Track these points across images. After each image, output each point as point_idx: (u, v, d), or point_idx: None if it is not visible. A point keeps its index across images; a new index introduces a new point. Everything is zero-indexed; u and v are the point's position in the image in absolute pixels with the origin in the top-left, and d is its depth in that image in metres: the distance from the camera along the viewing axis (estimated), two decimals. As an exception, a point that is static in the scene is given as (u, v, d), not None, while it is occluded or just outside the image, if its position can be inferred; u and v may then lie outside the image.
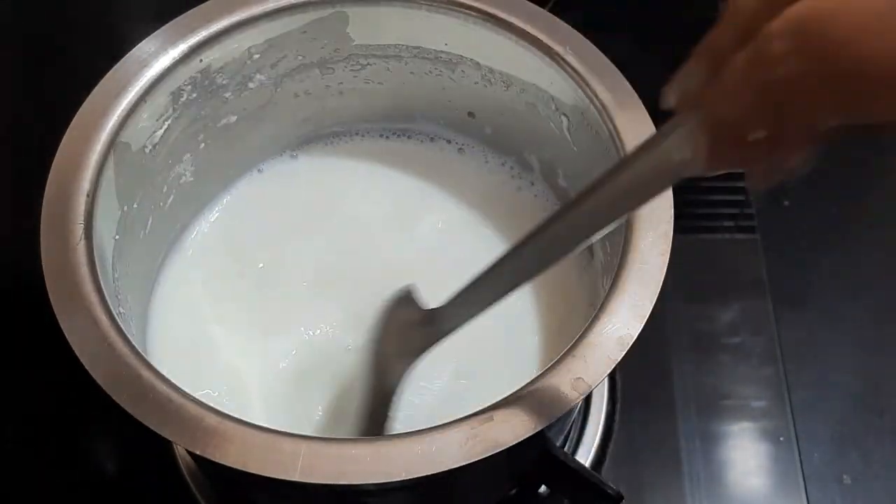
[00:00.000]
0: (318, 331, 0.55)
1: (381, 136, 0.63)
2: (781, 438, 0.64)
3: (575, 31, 0.51)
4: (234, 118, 0.57)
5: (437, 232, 0.60)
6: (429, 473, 0.38)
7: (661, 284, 0.43)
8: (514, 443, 0.39)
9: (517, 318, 0.56)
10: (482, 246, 0.59)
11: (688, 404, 0.65)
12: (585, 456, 0.62)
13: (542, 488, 0.59)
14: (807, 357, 0.68)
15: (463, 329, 0.54)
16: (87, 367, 0.41)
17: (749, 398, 0.66)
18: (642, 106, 0.49)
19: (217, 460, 0.39)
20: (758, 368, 0.67)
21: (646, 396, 0.65)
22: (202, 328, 0.56)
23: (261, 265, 0.58)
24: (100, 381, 0.40)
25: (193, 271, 0.58)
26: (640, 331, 0.42)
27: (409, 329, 0.46)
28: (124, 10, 0.84)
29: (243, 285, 0.57)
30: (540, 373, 0.41)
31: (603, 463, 0.63)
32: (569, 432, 0.62)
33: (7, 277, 0.70)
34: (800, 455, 0.63)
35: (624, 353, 0.41)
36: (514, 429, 0.40)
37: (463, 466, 0.39)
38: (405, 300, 0.47)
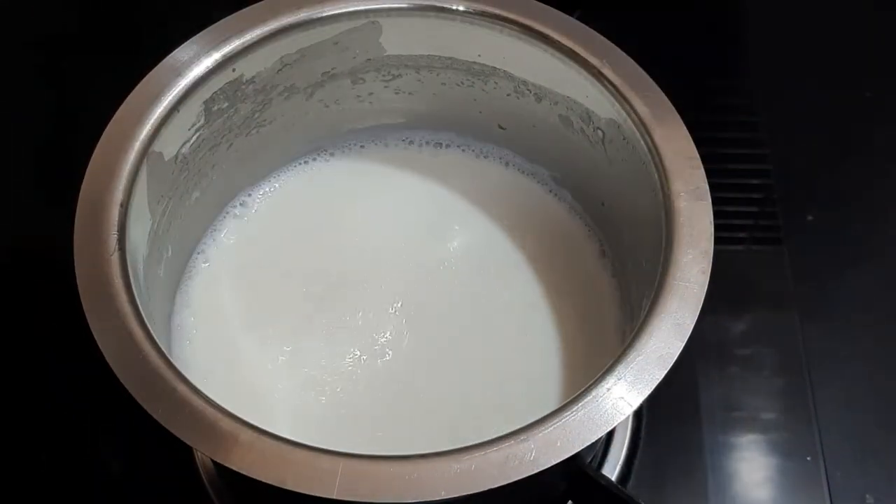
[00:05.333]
0: (345, 345, 0.54)
1: (410, 145, 0.62)
2: (808, 458, 0.63)
3: (612, 44, 0.51)
4: (264, 127, 0.57)
5: (464, 243, 0.59)
6: (468, 493, 0.38)
7: (701, 302, 0.43)
8: (554, 463, 0.39)
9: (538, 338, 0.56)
10: (509, 259, 0.59)
11: (714, 420, 0.65)
12: (611, 471, 0.62)
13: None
14: (832, 374, 0.67)
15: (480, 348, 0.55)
16: (121, 379, 0.40)
17: (775, 415, 0.65)
18: (681, 121, 0.48)
19: (254, 476, 0.38)
20: (784, 384, 0.67)
21: (671, 412, 0.65)
22: (226, 340, 0.55)
23: (285, 275, 0.57)
24: (133, 393, 0.40)
25: (217, 281, 0.57)
26: (681, 350, 0.42)
27: None
28: (157, 15, 0.84)
29: (268, 296, 0.57)
30: (577, 393, 0.41)
31: (629, 479, 0.62)
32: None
33: (38, 275, 0.70)
34: (826, 474, 0.63)
35: (666, 372, 0.41)
36: (554, 449, 0.39)
37: (500, 486, 0.38)
38: None
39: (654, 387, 0.41)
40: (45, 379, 0.66)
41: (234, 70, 0.51)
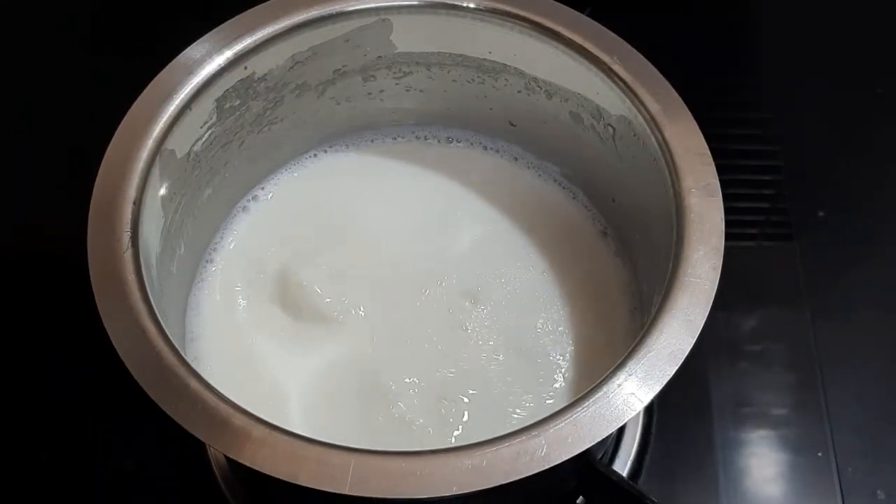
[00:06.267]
0: (357, 339, 0.55)
1: (421, 141, 0.63)
2: (819, 454, 0.63)
3: (622, 41, 0.51)
4: (275, 125, 0.57)
5: (474, 238, 0.59)
6: (480, 489, 0.38)
7: (712, 299, 0.43)
8: (564, 459, 0.39)
9: (549, 334, 0.56)
10: (519, 254, 0.59)
11: (725, 416, 0.65)
12: (622, 467, 0.62)
13: (580, 499, 0.59)
14: (843, 369, 0.67)
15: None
16: (134, 376, 0.41)
17: (786, 410, 0.65)
18: (691, 117, 0.49)
19: (266, 472, 0.38)
20: (794, 380, 0.67)
21: (682, 407, 0.65)
22: (239, 336, 0.55)
23: (297, 270, 0.57)
24: (147, 389, 0.40)
25: (229, 277, 0.58)
26: (692, 346, 0.42)
27: None
28: (169, 13, 0.84)
29: (280, 291, 0.57)
30: (588, 389, 0.41)
31: (639, 474, 0.63)
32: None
33: (52, 274, 0.70)
34: (837, 470, 0.63)
35: (677, 368, 0.41)
36: (565, 445, 0.39)
37: (512, 482, 0.38)
38: None
39: (664, 383, 0.41)
40: (55, 374, 0.66)
41: (245, 68, 0.52)
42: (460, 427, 0.51)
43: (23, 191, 0.75)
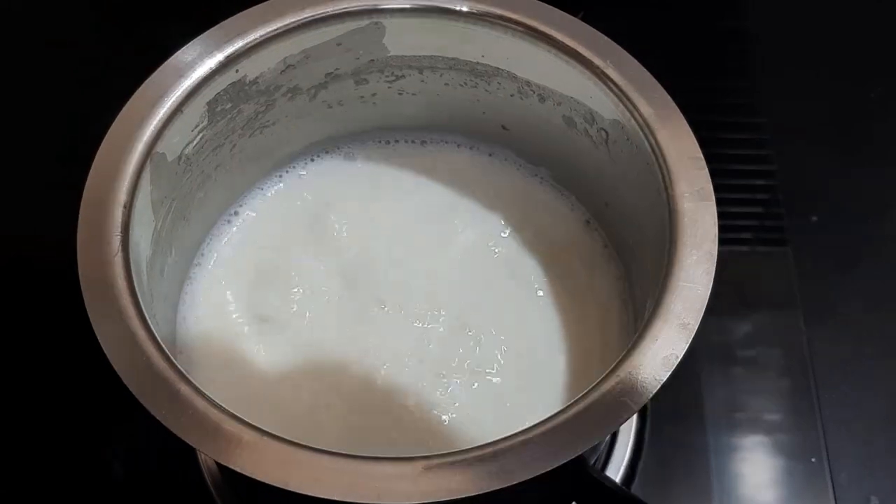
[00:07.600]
0: (348, 344, 0.54)
1: (413, 144, 0.62)
2: (813, 459, 0.63)
3: (616, 45, 0.51)
4: (267, 128, 0.57)
5: (467, 242, 0.59)
6: (472, 494, 0.38)
7: (706, 303, 0.43)
8: (557, 465, 0.39)
9: (542, 339, 0.56)
10: (513, 259, 0.59)
11: (718, 422, 0.65)
12: (615, 473, 0.62)
13: (572, 506, 0.58)
14: (837, 375, 0.67)
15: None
16: (124, 381, 0.40)
17: (780, 416, 0.65)
18: (685, 121, 0.48)
19: (257, 478, 0.38)
20: (788, 385, 0.67)
21: (676, 414, 0.65)
22: (230, 341, 0.55)
23: (289, 275, 0.57)
24: (137, 394, 0.40)
25: (220, 282, 0.57)
26: (685, 351, 0.41)
27: None
28: (160, 15, 0.84)
29: (271, 297, 0.57)
30: (579, 396, 0.41)
31: (633, 480, 0.62)
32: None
33: (39, 276, 0.70)
34: (831, 475, 0.63)
35: (670, 373, 0.41)
36: (557, 451, 0.39)
37: (503, 488, 0.38)
38: None
39: (658, 388, 0.41)
40: (44, 380, 0.66)
41: (237, 71, 0.51)
42: (453, 436, 0.51)
43: (12, 194, 0.75)
